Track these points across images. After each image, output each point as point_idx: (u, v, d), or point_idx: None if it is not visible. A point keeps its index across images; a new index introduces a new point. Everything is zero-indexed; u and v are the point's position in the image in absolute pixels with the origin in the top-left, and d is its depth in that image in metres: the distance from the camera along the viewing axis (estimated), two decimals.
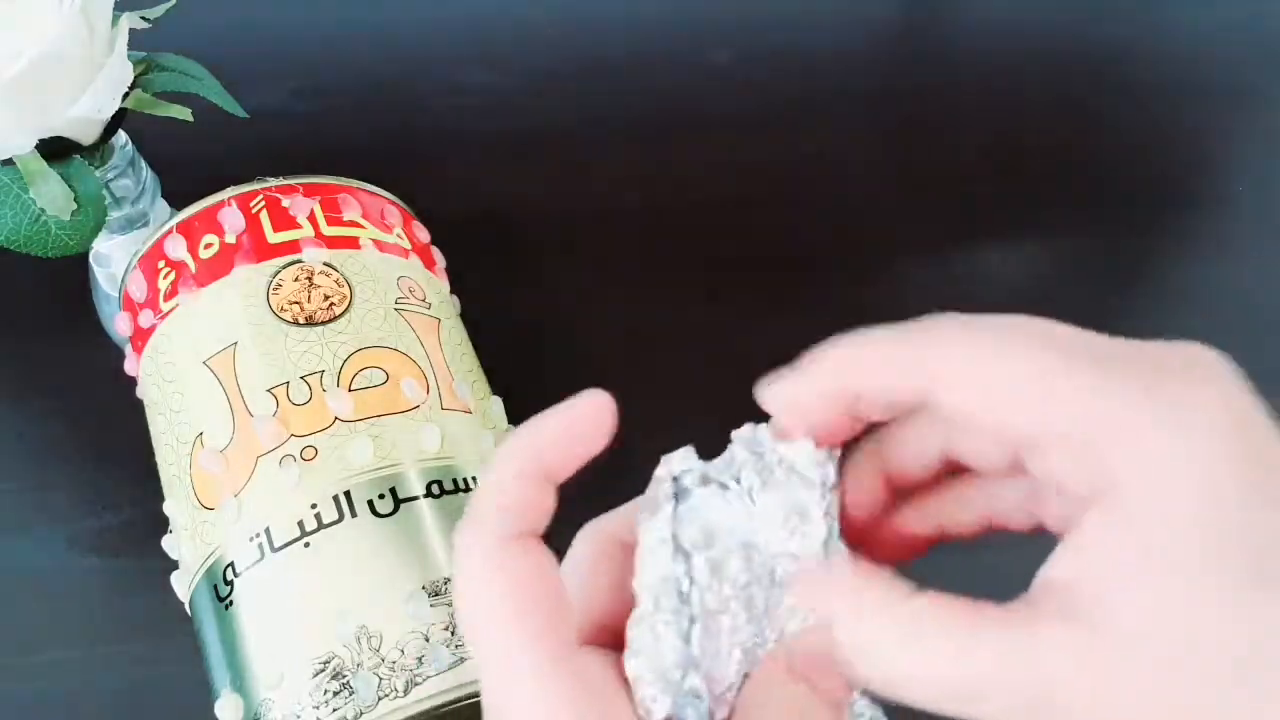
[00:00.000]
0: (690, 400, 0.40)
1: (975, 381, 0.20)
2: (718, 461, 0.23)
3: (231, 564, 0.33)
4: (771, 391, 0.22)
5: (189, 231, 0.38)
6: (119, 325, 0.40)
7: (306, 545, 0.32)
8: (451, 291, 0.43)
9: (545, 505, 0.21)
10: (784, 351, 0.25)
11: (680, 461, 0.23)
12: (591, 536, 0.23)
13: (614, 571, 0.22)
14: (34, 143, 0.38)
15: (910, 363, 0.21)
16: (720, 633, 0.22)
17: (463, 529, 0.21)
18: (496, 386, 0.40)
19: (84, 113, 0.38)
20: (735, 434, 0.24)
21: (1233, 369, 0.20)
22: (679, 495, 0.23)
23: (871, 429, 0.24)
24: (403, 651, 0.31)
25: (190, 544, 0.35)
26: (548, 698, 0.19)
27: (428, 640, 0.31)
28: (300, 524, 0.33)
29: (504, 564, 0.20)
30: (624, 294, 0.52)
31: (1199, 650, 0.18)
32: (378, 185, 0.42)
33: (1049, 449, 0.20)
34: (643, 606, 0.22)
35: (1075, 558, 0.19)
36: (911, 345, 0.21)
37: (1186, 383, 0.19)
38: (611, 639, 0.22)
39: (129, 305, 0.40)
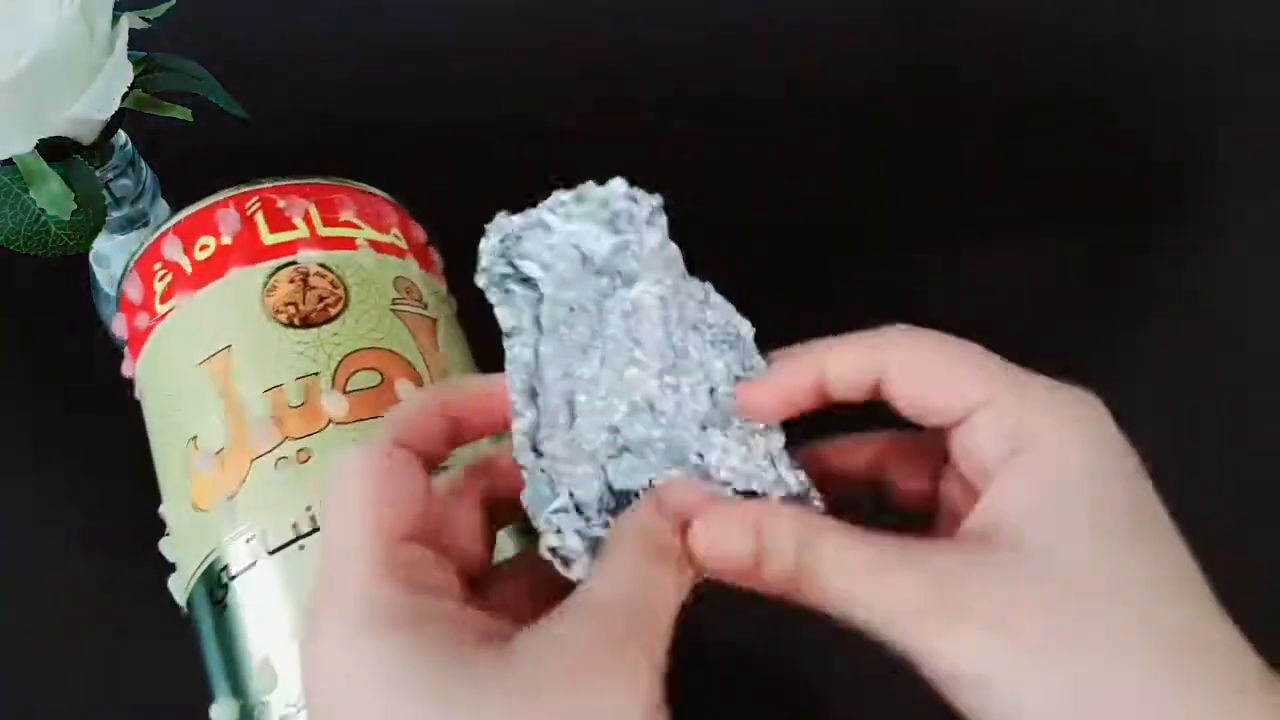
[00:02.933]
0: None
1: (919, 369, 0.25)
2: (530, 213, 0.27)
3: (226, 566, 0.33)
4: (751, 395, 0.27)
5: (185, 233, 0.38)
6: (116, 327, 0.40)
7: (301, 548, 0.32)
8: (449, 291, 0.43)
9: (434, 434, 0.25)
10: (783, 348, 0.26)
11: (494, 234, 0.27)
12: (361, 451, 0.24)
13: (401, 481, 0.24)
14: (34, 143, 0.38)
15: (866, 353, 0.25)
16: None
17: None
18: None
19: (84, 113, 0.38)
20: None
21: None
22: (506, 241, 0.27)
23: None
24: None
25: (186, 546, 0.35)
26: (364, 592, 0.22)
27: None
28: (295, 526, 0.33)
29: (369, 461, 0.24)
30: None
31: (1094, 573, 0.22)
32: (375, 185, 0.42)
33: (973, 419, 0.24)
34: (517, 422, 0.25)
35: (991, 504, 0.23)
36: (868, 345, 0.26)
37: (1076, 393, 0.25)
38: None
39: (126, 307, 0.40)
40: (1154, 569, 0.22)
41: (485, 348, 0.41)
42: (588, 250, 0.26)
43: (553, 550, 0.24)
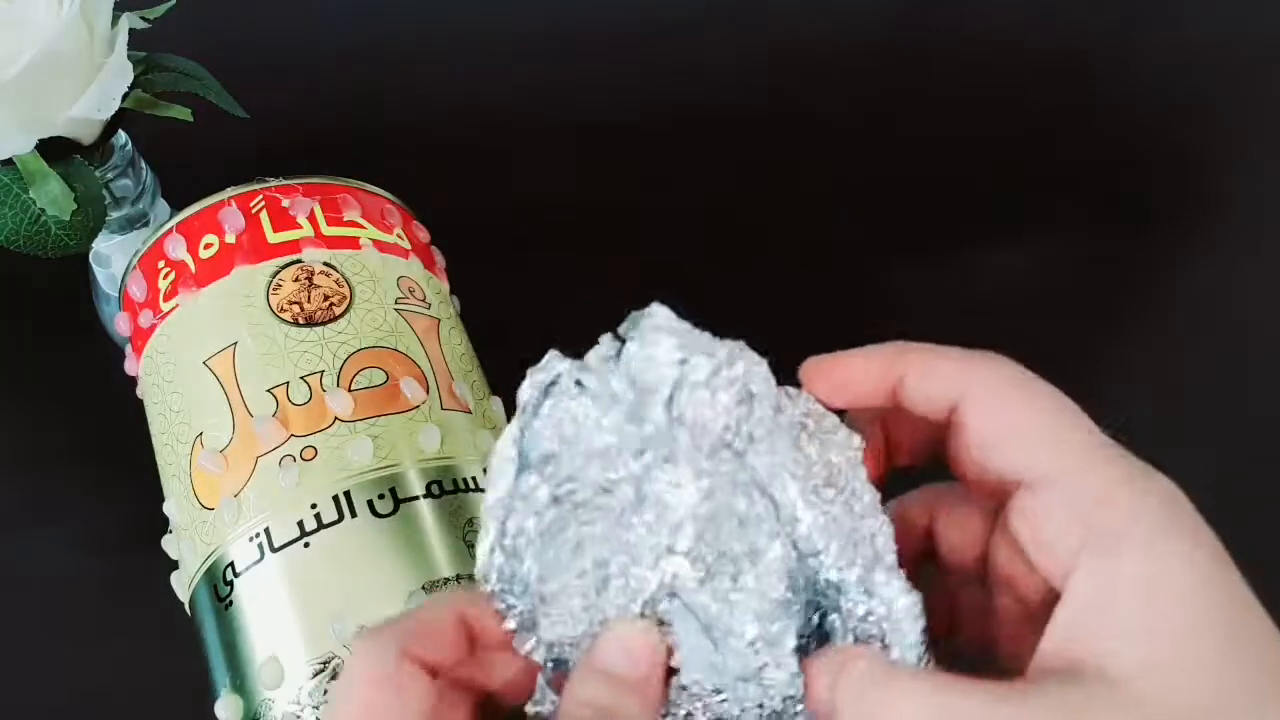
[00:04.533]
0: None
1: (999, 411, 0.22)
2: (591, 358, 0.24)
3: (231, 564, 0.33)
4: (820, 365, 0.24)
5: (189, 231, 0.38)
6: (119, 325, 0.40)
7: (306, 545, 0.32)
8: (451, 291, 0.43)
9: (446, 644, 0.23)
10: (784, 351, 0.26)
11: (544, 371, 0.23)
12: (371, 654, 0.22)
13: (407, 693, 0.22)
14: (34, 143, 0.38)
15: (952, 374, 0.23)
16: (565, 551, 0.23)
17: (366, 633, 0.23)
18: (496, 387, 0.40)
19: (84, 113, 0.38)
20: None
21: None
22: (533, 405, 0.23)
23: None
24: None
25: (190, 544, 0.35)
26: None
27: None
28: (300, 524, 0.33)
29: (370, 673, 0.22)
30: (624, 294, 0.52)
31: (1190, 701, 0.19)
32: (378, 185, 0.42)
33: (1040, 490, 0.22)
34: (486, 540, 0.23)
35: (1074, 619, 0.20)
36: (956, 361, 0.23)
37: (1165, 484, 0.21)
38: None
39: (129, 305, 0.40)
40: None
41: (487, 348, 0.41)
42: (610, 438, 0.23)
43: None
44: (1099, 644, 0.20)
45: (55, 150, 0.39)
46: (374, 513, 0.33)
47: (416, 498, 0.34)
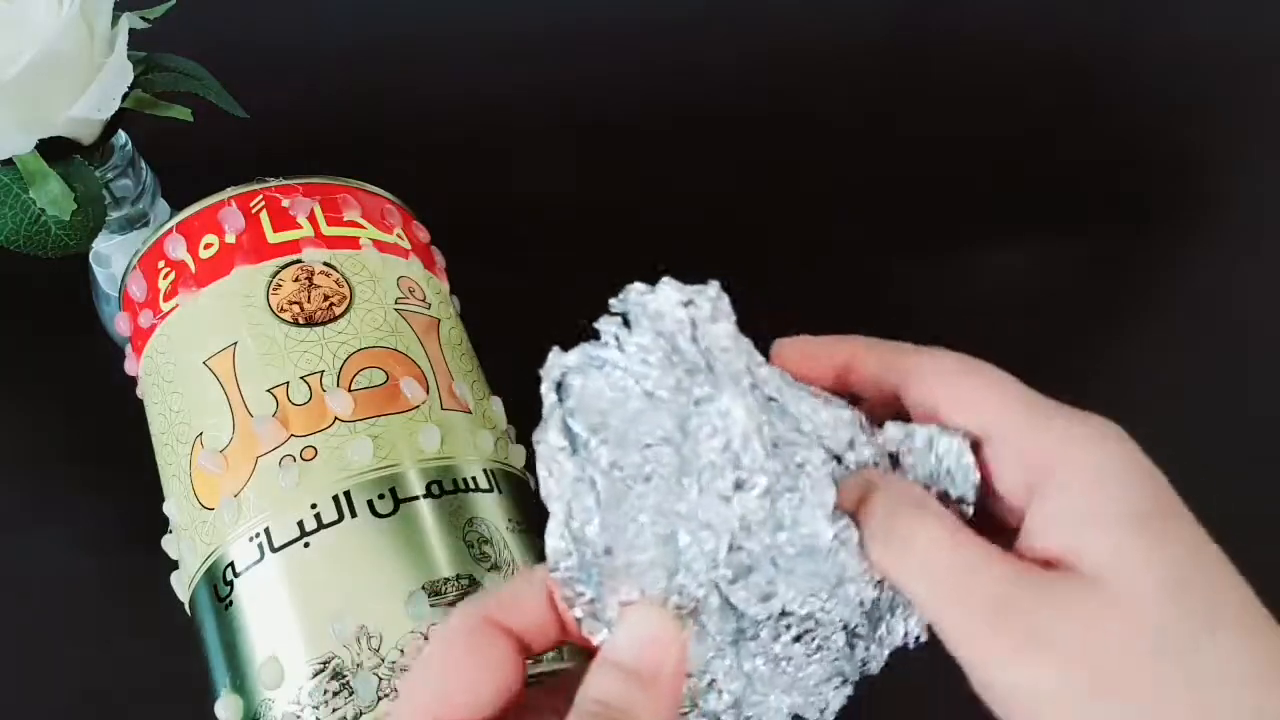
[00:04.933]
0: None
1: (941, 386, 0.25)
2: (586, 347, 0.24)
3: (231, 564, 0.33)
4: (790, 342, 0.27)
5: (189, 231, 0.38)
6: (119, 325, 0.40)
7: (306, 545, 0.32)
8: (451, 291, 0.43)
9: (535, 620, 0.24)
10: None
11: (554, 365, 0.24)
12: (456, 616, 0.24)
13: (484, 655, 0.23)
14: (34, 143, 0.38)
15: (893, 360, 0.26)
16: (630, 510, 0.23)
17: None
18: (496, 386, 0.40)
19: (84, 113, 0.38)
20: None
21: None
22: (561, 391, 0.24)
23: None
24: (403, 651, 0.31)
25: (190, 544, 0.35)
26: None
27: (428, 640, 0.31)
28: (300, 524, 0.33)
29: (452, 633, 0.23)
30: None
31: (1164, 615, 0.21)
32: (378, 185, 0.42)
33: (991, 444, 0.24)
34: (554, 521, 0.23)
35: (1039, 529, 0.23)
36: (894, 349, 0.26)
37: (1096, 421, 0.24)
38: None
39: (129, 305, 0.40)
40: (1218, 609, 0.21)
41: (487, 348, 0.41)
42: (650, 388, 0.24)
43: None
44: (1064, 541, 0.22)
45: (55, 150, 0.39)
46: (374, 513, 0.33)
47: (416, 498, 0.34)
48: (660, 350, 0.24)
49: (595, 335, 0.24)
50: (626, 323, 0.24)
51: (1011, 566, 0.22)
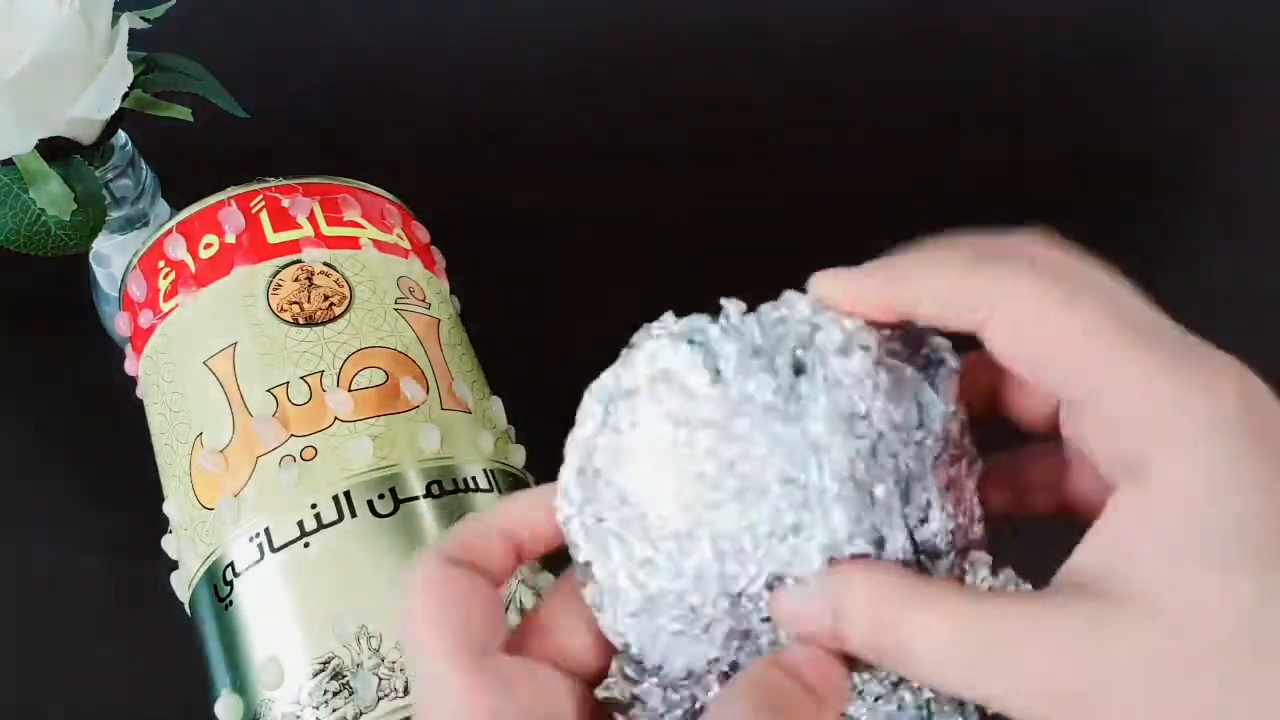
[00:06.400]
0: None
1: (1027, 335, 0.21)
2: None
3: (231, 564, 0.33)
4: (828, 281, 0.23)
5: (189, 231, 0.38)
6: (119, 325, 0.40)
7: (306, 545, 0.32)
8: (451, 291, 0.43)
9: (496, 551, 0.23)
10: None
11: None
12: (419, 562, 0.23)
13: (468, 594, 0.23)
14: (34, 143, 0.38)
15: (972, 298, 0.21)
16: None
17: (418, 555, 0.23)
18: (496, 386, 0.40)
19: (84, 113, 0.38)
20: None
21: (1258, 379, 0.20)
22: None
23: None
24: (403, 651, 0.31)
25: (190, 544, 0.35)
26: (463, 707, 0.21)
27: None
28: (300, 524, 0.33)
29: (433, 582, 0.22)
30: (624, 294, 0.52)
31: (1212, 633, 0.18)
32: (377, 185, 0.42)
33: (1081, 415, 0.21)
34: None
35: (1098, 544, 0.20)
36: (977, 279, 0.21)
37: (1219, 375, 0.20)
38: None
39: (129, 305, 0.40)
40: None
41: (487, 348, 0.41)
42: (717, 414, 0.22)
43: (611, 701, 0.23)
44: (1125, 562, 0.19)
45: (55, 150, 0.39)
46: (374, 513, 0.33)
47: (416, 498, 0.34)
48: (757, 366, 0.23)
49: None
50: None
51: (1033, 616, 0.19)
